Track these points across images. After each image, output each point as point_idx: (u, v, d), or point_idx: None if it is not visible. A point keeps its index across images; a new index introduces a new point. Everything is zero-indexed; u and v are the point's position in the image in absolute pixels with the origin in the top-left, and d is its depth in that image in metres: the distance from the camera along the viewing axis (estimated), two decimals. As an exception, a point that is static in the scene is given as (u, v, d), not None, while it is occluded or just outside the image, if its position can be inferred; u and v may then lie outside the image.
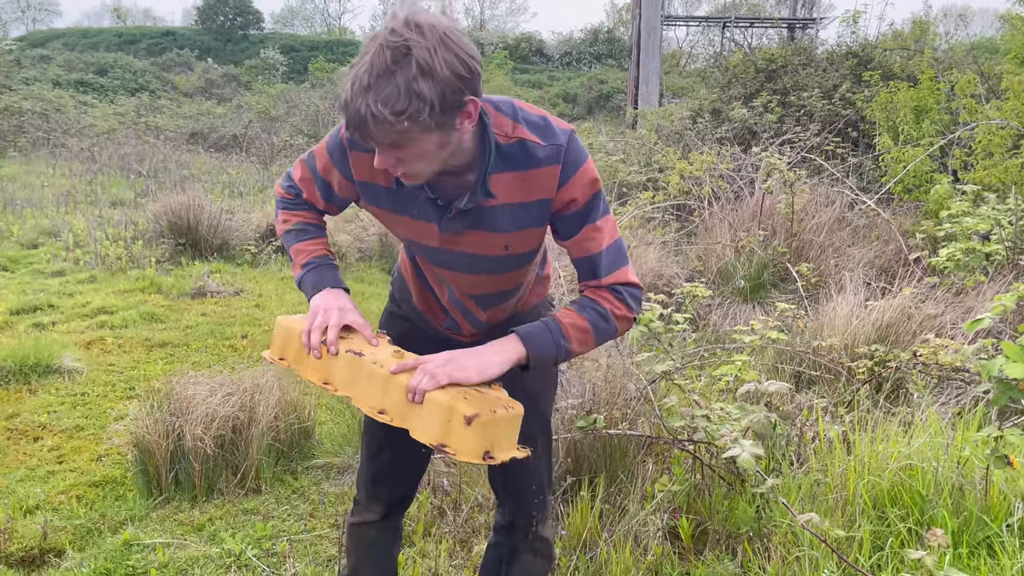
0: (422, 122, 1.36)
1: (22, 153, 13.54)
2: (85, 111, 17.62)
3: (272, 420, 3.11)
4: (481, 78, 1.42)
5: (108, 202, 9.31)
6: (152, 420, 2.96)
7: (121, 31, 36.94)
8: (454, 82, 1.35)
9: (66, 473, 3.18)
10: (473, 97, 1.41)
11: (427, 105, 1.34)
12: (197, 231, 7.12)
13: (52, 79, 20.60)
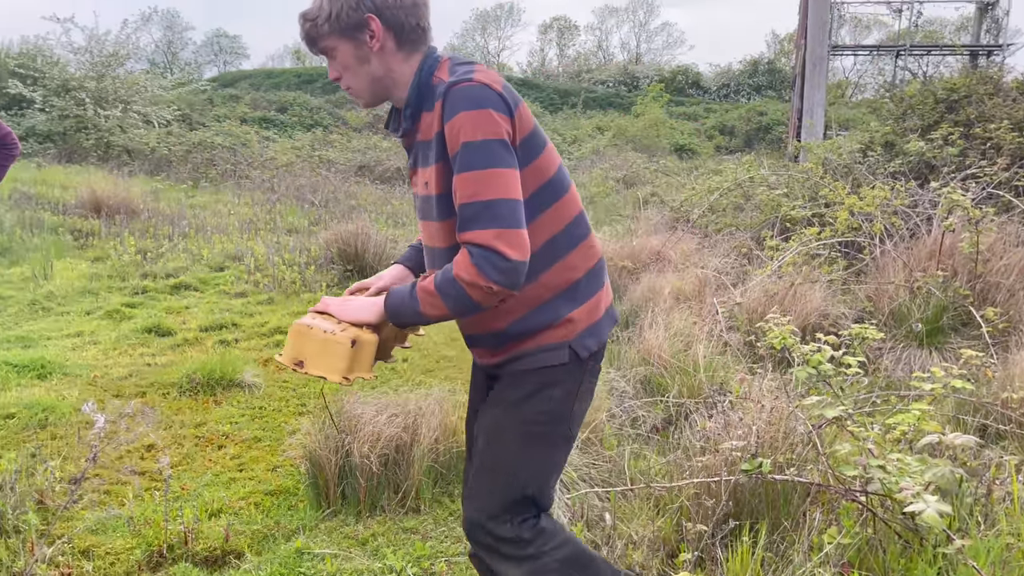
0: (326, 28, 1.73)
1: (212, 184, 14.82)
2: (267, 145, 19.09)
3: (433, 443, 3.21)
4: (387, 12, 1.71)
5: (285, 229, 10.01)
6: (323, 436, 3.14)
7: (300, 71, 39.86)
8: (346, 6, 1.70)
9: (245, 480, 3.42)
10: (372, 15, 1.70)
11: (326, 13, 1.72)
12: (363, 258, 7.52)
13: (239, 116, 22.48)
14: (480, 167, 1.58)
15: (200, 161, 16.22)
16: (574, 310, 1.79)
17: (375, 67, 1.76)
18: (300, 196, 13.00)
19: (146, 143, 16.63)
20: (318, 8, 1.73)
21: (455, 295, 1.62)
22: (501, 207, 1.57)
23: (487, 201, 1.57)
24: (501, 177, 1.59)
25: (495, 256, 1.57)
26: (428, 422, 3.24)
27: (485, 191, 1.57)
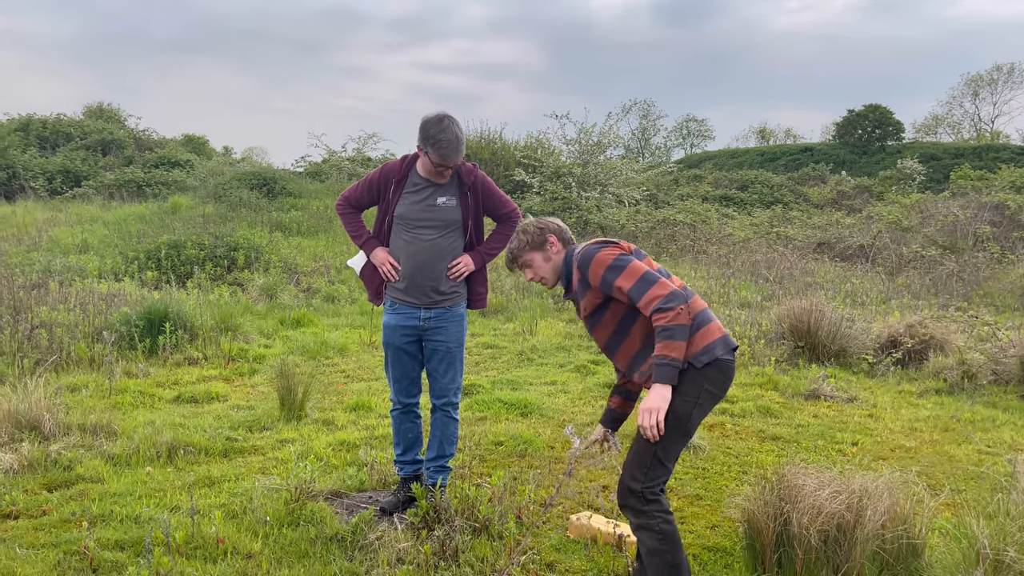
0: (527, 248, 3.14)
1: (672, 257, 15.76)
2: (726, 222, 19.63)
3: (879, 528, 3.06)
4: (560, 233, 3.15)
5: (738, 303, 10.21)
6: (763, 502, 3.21)
7: (763, 150, 40.28)
8: (536, 235, 3.13)
9: (685, 533, 3.63)
10: (551, 235, 3.12)
11: (527, 241, 3.14)
12: (816, 335, 7.33)
13: (702, 195, 23.52)
14: (619, 273, 2.87)
15: (663, 236, 17.36)
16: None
17: (553, 262, 3.14)
18: (755, 271, 13.12)
19: (617, 220, 18.36)
20: (517, 242, 3.19)
21: (673, 333, 2.72)
22: (644, 279, 2.82)
23: (638, 281, 2.82)
24: (631, 269, 2.86)
25: (659, 301, 2.76)
26: (875, 506, 3.09)
27: (632, 277, 2.85)
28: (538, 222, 3.14)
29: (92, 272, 9.98)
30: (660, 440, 2.74)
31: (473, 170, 3.73)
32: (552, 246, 3.10)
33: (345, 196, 3.85)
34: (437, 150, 3.49)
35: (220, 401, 5.59)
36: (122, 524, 3.50)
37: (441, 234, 3.65)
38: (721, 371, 2.83)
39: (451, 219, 3.66)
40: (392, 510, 3.73)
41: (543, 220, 3.15)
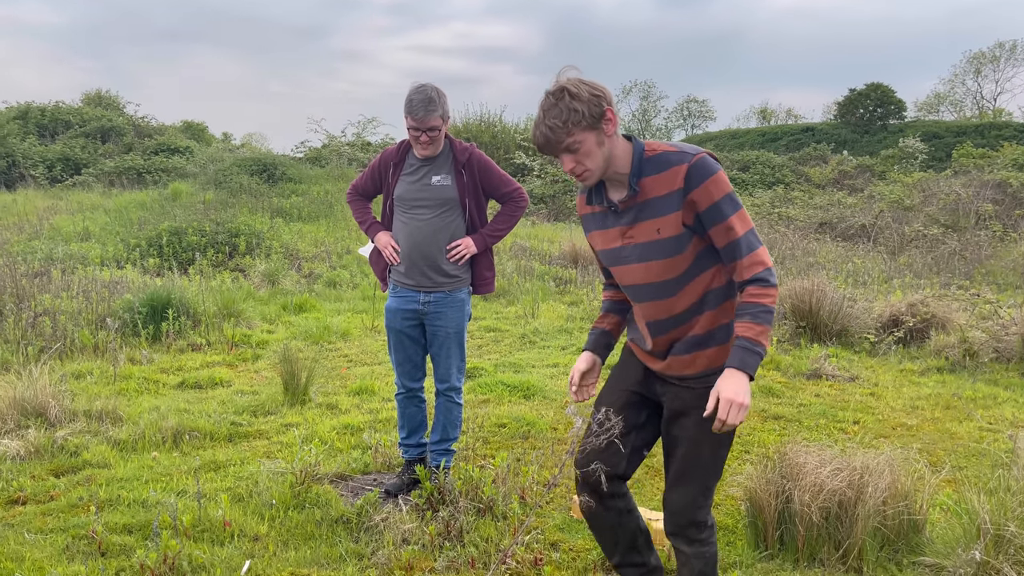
0: (580, 124, 2.19)
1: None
2: (727, 203, 19.58)
3: (880, 504, 3.08)
4: (610, 99, 2.23)
5: (739, 284, 10.22)
6: (764, 480, 3.23)
7: (765, 130, 40.11)
8: (592, 98, 2.19)
9: (688, 511, 3.65)
10: (609, 107, 2.22)
11: (581, 113, 2.18)
12: (818, 315, 7.34)
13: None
14: (737, 208, 2.22)
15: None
16: None
17: (607, 150, 2.27)
18: (757, 252, 13.11)
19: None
20: (568, 112, 2.20)
21: (771, 316, 2.20)
22: (755, 231, 2.25)
23: (751, 231, 2.23)
24: (746, 214, 2.24)
25: (769, 270, 2.21)
26: (876, 483, 3.12)
27: (746, 223, 2.23)
28: (592, 86, 2.21)
29: (94, 260, 9.99)
30: (720, 449, 2.38)
31: (468, 148, 3.73)
32: (609, 124, 2.23)
33: (353, 185, 3.90)
34: (407, 109, 3.51)
35: (224, 386, 5.62)
36: (129, 508, 3.53)
37: (436, 213, 3.65)
38: None
39: (446, 198, 3.66)
40: (397, 492, 3.76)
41: (596, 84, 2.24)
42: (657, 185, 2.24)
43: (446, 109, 3.58)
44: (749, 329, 2.18)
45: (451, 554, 3.16)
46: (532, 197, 18.41)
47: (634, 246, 2.33)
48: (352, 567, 3.05)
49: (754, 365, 2.19)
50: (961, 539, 3.03)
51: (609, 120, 2.22)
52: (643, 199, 2.27)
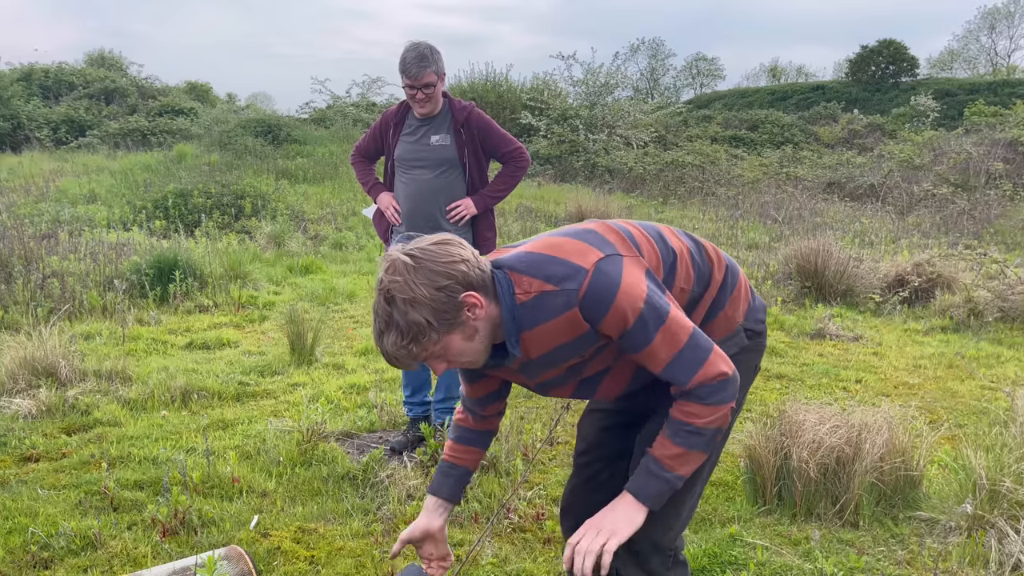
0: (432, 338, 1.62)
1: (680, 200, 15.68)
2: (735, 163, 19.45)
3: (877, 460, 3.12)
4: (464, 275, 1.61)
5: (745, 245, 10.20)
6: (764, 437, 3.27)
7: (774, 89, 39.63)
8: (436, 296, 1.59)
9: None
10: (468, 292, 1.62)
11: (426, 325, 1.60)
12: (823, 275, 7.34)
13: (711, 136, 23.27)
14: (660, 322, 1.66)
15: (671, 179, 17.25)
16: (727, 301, 1.91)
17: (481, 332, 1.70)
18: (763, 212, 13.07)
19: (625, 163, 18.23)
20: (409, 330, 1.61)
21: (704, 440, 1.71)
22: (697, 339, 1.69)
23: (689, 342, 1.68)
24: (676, 322, 1.68)
25: (721, 381, 1.69)
26: (874, 439, 3.15)
27: (679, 335, 1.67)
28: (433, 272, 1.61)
29: (101, 222, 10.02)
30: (700, 468, 1.83)
31: (468, 107, 3.72)
32: (475, 310, 1.65)
33: (357, 146, 3.92)
34: (401, 68, 3.51)
35: (231, 347, 5.67)
36: (140, 465, 3.60)
37: (435, 173, 3.65)
38: (763, 337, 2.01)
39: (445, 157, 3.66)
40: (402, 449, 3.82)
41: (438, 261, 1.63)
42: (555, 334, 1.71)
43: (440, 65, 3.57)
44: (664, 447, 1.69)
45: (455, 509, 3.22)
46: (538, 158, 18.34)
47: (562, 376, 1.84)
48: (358, 522, 3.12)
49: (655, 495, 1.70)
50: (957, 494, 3.08)
51: (473, 306, 1.64)
52: (541, 352, 1.75)
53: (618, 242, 1.74)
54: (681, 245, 1.88)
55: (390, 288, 1.61)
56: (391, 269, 1.62)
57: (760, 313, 1.96)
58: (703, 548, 2.87)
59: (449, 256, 1.64)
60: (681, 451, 1.68)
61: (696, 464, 1.72)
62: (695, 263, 1.87)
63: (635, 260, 1.71)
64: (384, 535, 3.02)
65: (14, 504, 3.19)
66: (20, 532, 2.94)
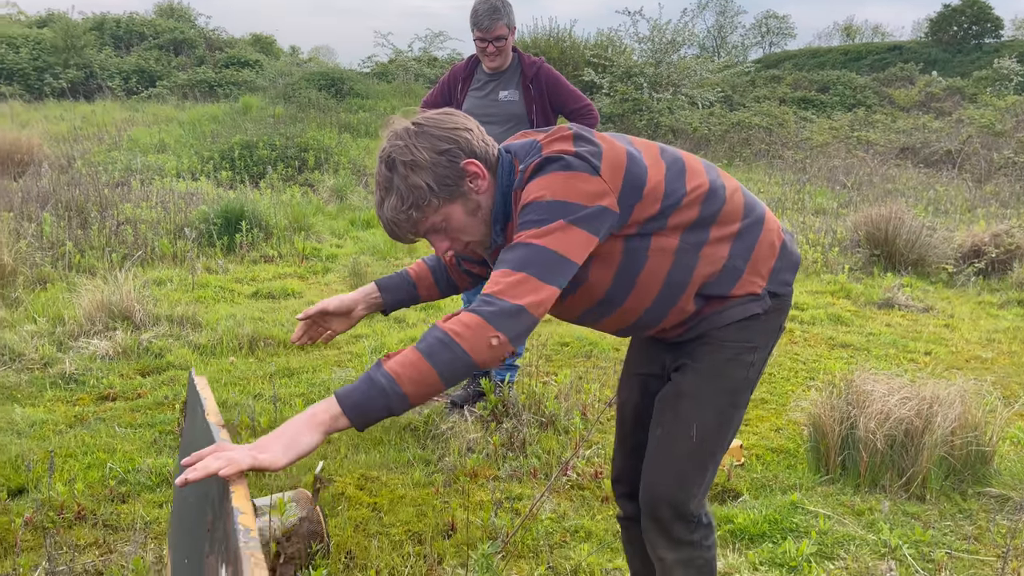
0: (431, 203, 1.58)
1: (745, 162, 15.32)
2: (804, 126, 18.88)
3: (948, 435, 3.05)
4: (468, 141, 1.59)
5: (812, 210, 9.93)
6: (829, 406, 3.21)
7: (848, 49, 38.17)
8: (437, 160, 1.56)
9: (750, 435, 3.67)
10: (470, 159, 1.58)
11: (426, 190, 1.56)
12: (894, 244, 7.12)
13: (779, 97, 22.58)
14: (552, 221, 1.56)
15: (736, 140, 16.85)
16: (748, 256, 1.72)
17: (484, 208, 1.64)
18: (832, 177, 12.69)
19: (689, 123, 17.85)
20: (408, 193, 1.57)
21: (450, 358, 1.46)
22: (548, 260, 1.55)
23: (537, 248, 1.55)
24: (567, 235, 1.56)
25: (511, 306, 1.51)
26: (945, 412, 3.07)
27: (540, 242, 1.57)
28: (436, 136, 1.59)
29: (170, 171, 10.26)
30: (721, 427, 1.77)
31: (537, 62, 3.68)
32: (476, 180, 1.62)
33: (424, 101, 3.91)
34: (473, 20, 3.47)
35: (296, 297, 5.79)
36: (210, 408, 3.72)
37: (504, 129, 3.63)
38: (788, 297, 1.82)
39: (514, 113, 3.63)
40: (462, 403, 3.87)
41: (442, 127, 1.61)
42: None
43: (511, 18, 3.52)
44: (403, 353, 1.46)
45: (514, 464, 3.26)
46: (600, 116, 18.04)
47: None
48: (419, 472, 3.18)
49: (360, 402, 1.41)
50: (1031, 473, 2.99)
51: (475, 176, 1.61)
52: None
53: (609, 162, 1.59)
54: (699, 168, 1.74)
55: (391, 153, 1.59)
56: (393, 135, 1.60)
57: (787, 273, 1.79)
58: (763, 514, 2.85)
59: (453, 124, 1.62)
60: (417, 357, 1.43)
61: (424, 385, 1.43)
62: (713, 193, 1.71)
63: (598, 181, 1.56)
64: (445, 486, 3.07)
65: (93, 440, 3.33)
66: (99, 467, 3.08)
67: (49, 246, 6.18)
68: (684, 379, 1.77)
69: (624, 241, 1.64)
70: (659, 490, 1.77)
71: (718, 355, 1.74)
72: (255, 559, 1.00)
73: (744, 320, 1.73)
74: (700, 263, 1.68)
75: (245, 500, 1.19)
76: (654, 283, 1.68)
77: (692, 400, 1.75)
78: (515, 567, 2.52)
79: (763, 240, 1.75)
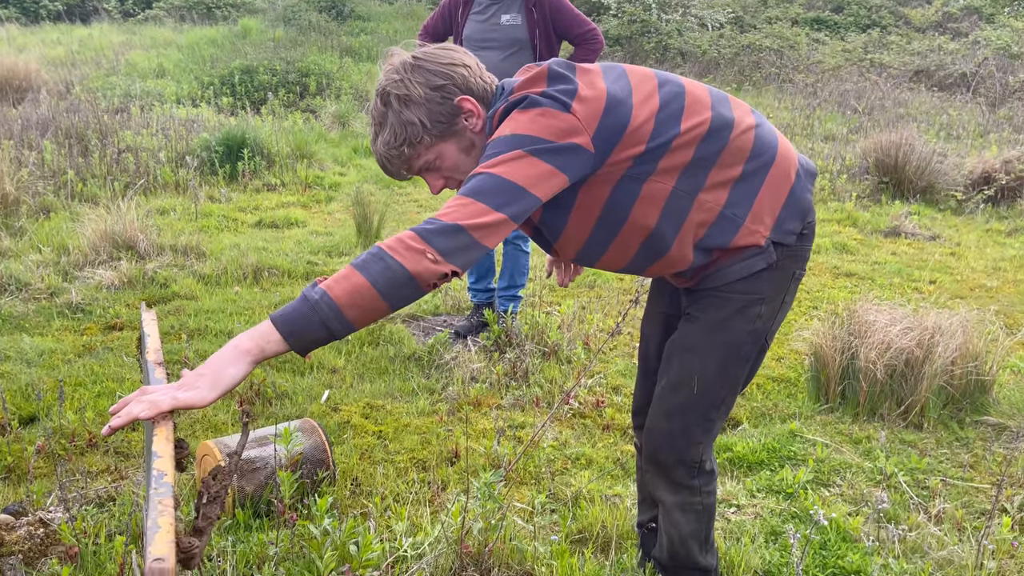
0: (425, 141, 1.57)
1: (755, 86, 15.01)
2: (816, 48, 18.42)
3: (948, 364, 3.06)
4: (463, 78, 1.57)
5: (822, 136, 9.78)
6: (831, 336, 3.23)
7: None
8: (431, 96, 1.56)
9: (751, 363, 3.70)
10: (464, 96, 1.57)
11: (419, 126, 1.56)
12: (903, 170, 7.02)
13: (792, 17, 21.97)
14: (510, 150, 1.54)
15: (746, 64, 16.48)
16: (750, 204, 1.65)
17: (478, 145, 1.62)
18: (843, 102, 12.45)
19: (698, 46, 17.44)
20: (402, 128, 1.56)
21: (383, 272, 1.41)
22: (502, 185, 1.51)
23: (491, 176, 1.52)
24: (528, 165, 1.52)
25: (449, 225, 1.48)
26: (947, 342, 3.08)
27: (498, 170, 1.55)
28: (431, 71, 1.58)
29: (170, 97, 10.11)
30: (734, 366, 1.75)
31: None
32: (471, 118, 1.61)
33: (424, 26, 3.82)
34: None
35: (299, 227, 5.78)
36: (216, 338, 3.76)
37: (505, 55, 3.55)
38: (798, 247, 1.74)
39: (515, 38, 3.54)
40: (466, 333, 3.90)
41: (437, 62, 1.60)
42: None
43: None
44: (335, 275, 1.40)
45: (517, 393, 3.30)
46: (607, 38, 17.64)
47: None
48: (424, 400, 3.23)
49: (294, 319, 1.36)
50: (1029, 402, 3.02)
51: (469, 113, 1.59)
52: None
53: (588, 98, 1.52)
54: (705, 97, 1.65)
55: (387, 87, 1.58)
56: (390, 69, 1.59)
57: (793, 222, 1.69)
58: (762, 443, 2.90)
59: (450, 59, 1.60)
60: (350, 271, 1.38)
61: (360, 298, 1.36)
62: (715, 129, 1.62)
63: (569, 118, 1.50)
64: (448, 414, 3.12)
65: (101, 370, 3.38)
66: (108, 396, 3.13)
67: (51, 175, 6.15)
68: (688, 330, 1.77)
69: (612, 188, 1.59)
70: (661, 437, 1.79)
71: (723, 309, 1.71)
72: (162, 505, 1.01)
73: (749, 276, 1.68)
74: (693, 211, 1.62)
75: (165, 442, 1.19)
76: (639, 232, 1.64)
77: (693, 353, 1.74)
78: (517, 494, 2.58)
79: (769, 185, 1.66)
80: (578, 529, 2.35)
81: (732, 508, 2.53)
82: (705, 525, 1.87)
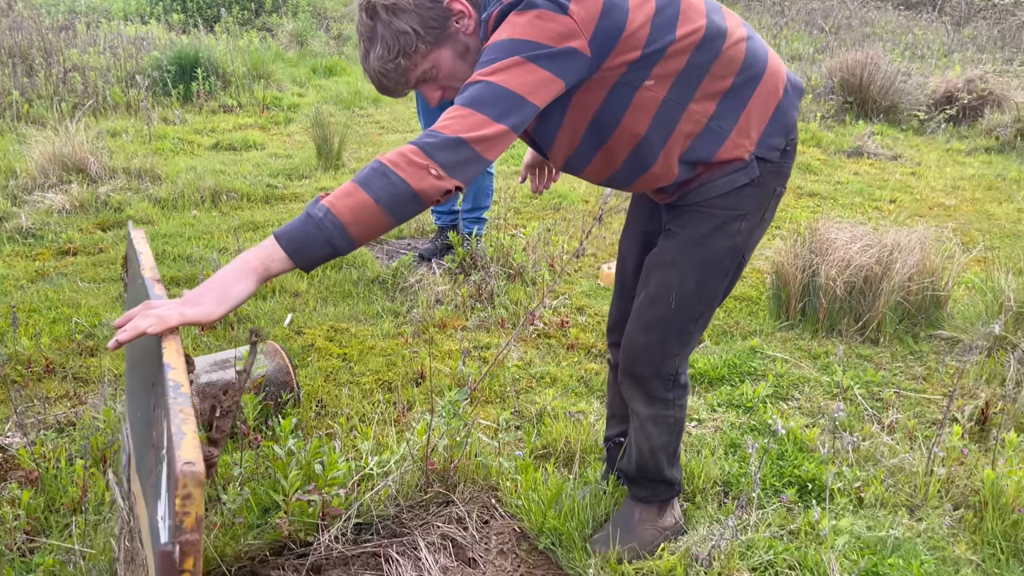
0: (418, 49, 1.51)
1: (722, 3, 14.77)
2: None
3: (905, 280, 3.12)
4: None
5: (788, 56, 9.70)
6: (792, 255, 3.25)
7: None
8: (423, 0, 1.48)
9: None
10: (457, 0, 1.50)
11: (412, 34, 1.49)
12: (867, 91, 7.02)
13: (760, -67, 21.49)
14: (507, 56, 1.49)
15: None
16: (736, 118, 1.62)
17: (473, 48, 1.56)
18: (810, 21, 12.32)
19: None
20: (393, 40, 1.50)
21: (386, 187, 1.38)
22: (499, 95, 1.46)
23: (489, 84, 1.48)
24: (527, 72, 1.47)
25: (451, 139, 1.44)
26: (904, 259, 3.13)
27: (496, 77, 1.49)
28: None
29: (117, 14, 9.67)
30: (712, 279, 1.74)
31: None
32: (463, 19, 1.55)
33: None
34: None
35: (257, 149, 5.63)
36: (175, 263, 3.68)
37: None
38: (781, 163, 1.72)
39: None
40: (430, 256, 3.87)
41: None
42: None
43: None
44: (337, 190, 1.37)
45: (482, 314, 3.30)
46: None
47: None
48: (388, 323, 3.21)
49: (299, 237, 1.33)
50: (982, 315, 3.10)
51: (460, 15, 1.53)
52: None
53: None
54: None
55: (371, 0, 1.51)
56: None
57: (776, 138, 1.67)
58: (723, 359, 2.94)
59: None
60: (353, 187, 1.35)
61: (363, 214, 1.35)
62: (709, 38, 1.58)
63: (566, 20, 1.44)
64: (413, 336, 3.12)
65: (56, 295, 3.30)
66: (64, 322, 3.07)
67: (-7, 96, 5.89)
68: (667, 245, 1.76)
69: (605, 93, 1.55)
70: (637, 350, 1.81)
71: (704, 224, 1.70)
72: (184, 413, 1.00)
73: (731, 191, 1.67)
74: (682, 121, 1.59)
75: (176, 355, 1.17)
76: (628, 140, 1.61)
77: (672, 268, 1.73)
78: (482, 412, 2.60)
79: (757, 99, 1.64)
80: (542, 445, 2.38)
81: (693, 422, 2.58)
82: (675, 439, 1.91)
